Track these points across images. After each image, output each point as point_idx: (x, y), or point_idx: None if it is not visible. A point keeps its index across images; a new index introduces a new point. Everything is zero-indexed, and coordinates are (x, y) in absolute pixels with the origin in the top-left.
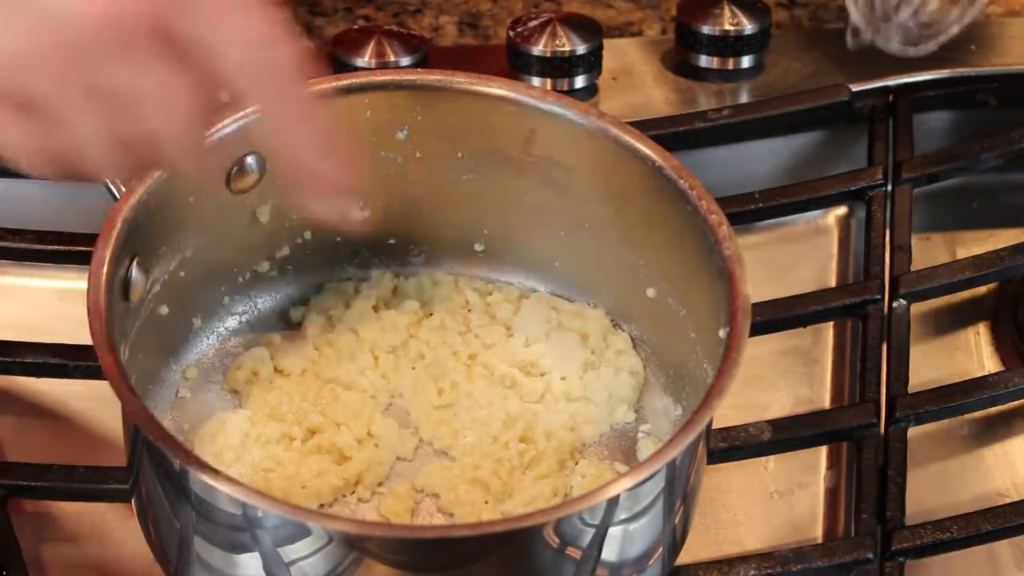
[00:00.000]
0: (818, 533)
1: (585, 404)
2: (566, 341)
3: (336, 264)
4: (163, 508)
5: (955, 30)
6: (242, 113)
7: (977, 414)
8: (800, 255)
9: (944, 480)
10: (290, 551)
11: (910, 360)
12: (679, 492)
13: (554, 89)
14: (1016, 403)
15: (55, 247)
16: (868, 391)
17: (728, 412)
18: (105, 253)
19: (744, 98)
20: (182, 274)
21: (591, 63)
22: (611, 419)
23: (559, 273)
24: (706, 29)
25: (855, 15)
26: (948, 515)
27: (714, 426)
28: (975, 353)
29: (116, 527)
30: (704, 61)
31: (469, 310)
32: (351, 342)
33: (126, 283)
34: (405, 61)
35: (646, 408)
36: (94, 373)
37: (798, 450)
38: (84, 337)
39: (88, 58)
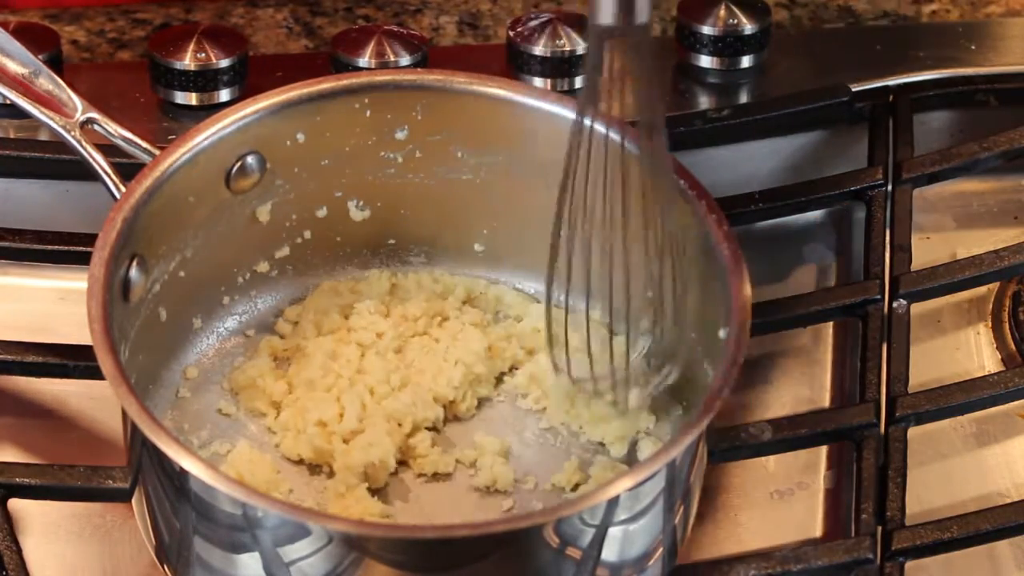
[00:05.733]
0: (818, 533)
1: (620, 420)
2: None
3: (336, 264)
4: (163, 508)
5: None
6: (242, 113)
7: (977, 414)
8: (800, 255)
9: (944, 480)
10: (290, 551)
11: (910, 360)
12: (679, 492)
13: (554, 89)
14: (1016, 403)
15: (55, 247)
16: (868, 391)
17: (728, 412)
18: (105, 253)
19: (744, 98)
20: (182, 274)
21: None
22: (636, 427)
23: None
24: (706, 29)
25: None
26: (948, 515)
27: (714, 426)
28: (975, 353)
29: (116, 527)
30: (704, 61)
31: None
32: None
33: (126, 283)
34: (405, 61)
35: None
36: (94, 373)
37: (798, 450)
38: (84, 337)
39: None
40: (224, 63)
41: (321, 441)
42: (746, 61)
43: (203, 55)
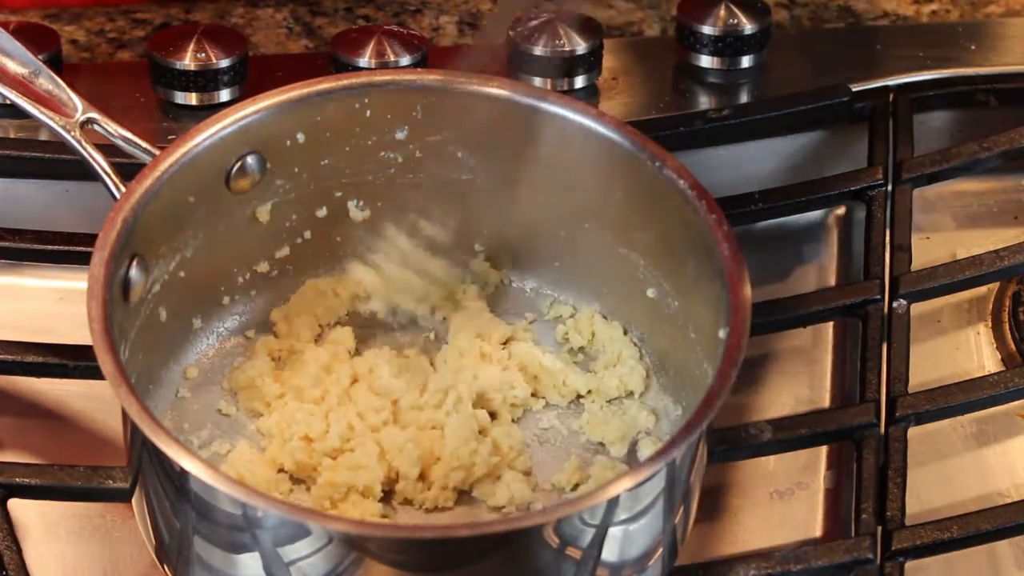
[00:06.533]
0: (818, 533)
1: (619, 420)
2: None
3: (336, 264)
4: (163, 508)
5: None
6: (242, 113)
7: (977, 414)
8: (800, 255)
9: (944, 480)
10: (290, 551)
11: (910, 360)
12: (679, 492)
13: (554, 89)
14: (1016, 403)
15: (55, 247)
16: (868, 391)
17: (728, 412)
18: (105, 253)
19: (744, 98)
20: (182, 274)
21: (591, 63)
22: (636, 427)
23: (559, 273)
24: (706, 29)
25: None
26: (948, 515)
27: (714, 426)
28: (975, 353)
29: (116, 527)
30: (704, 61)
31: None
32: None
33: (126, 283)
34: (405, 61)
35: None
36: (94, 373)
37: (798, 450)
38: (84, 337)
39: None
40: (224, 63)
41: (303, 455)
42: (746, 61)
43: (203, 55)
